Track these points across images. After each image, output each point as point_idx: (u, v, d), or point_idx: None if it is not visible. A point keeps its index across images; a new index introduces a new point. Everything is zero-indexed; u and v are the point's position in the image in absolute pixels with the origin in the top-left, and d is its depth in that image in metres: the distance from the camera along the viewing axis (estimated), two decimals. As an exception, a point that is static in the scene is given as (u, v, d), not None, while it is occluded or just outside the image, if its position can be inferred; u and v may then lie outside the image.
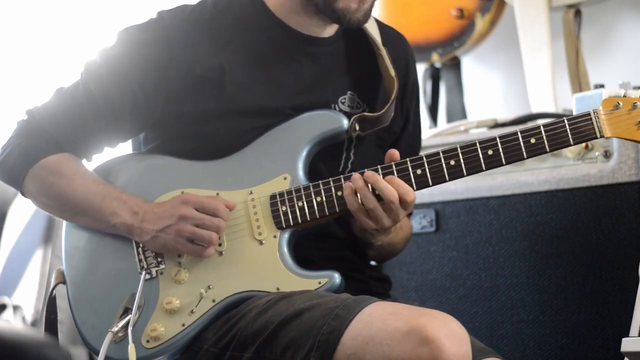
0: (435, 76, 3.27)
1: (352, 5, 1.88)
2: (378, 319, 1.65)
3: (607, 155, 2.30)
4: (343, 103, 1.97)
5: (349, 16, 1.89)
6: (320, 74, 1.97)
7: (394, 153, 1.87)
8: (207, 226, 1.83)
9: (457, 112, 3.23)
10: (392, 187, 1.81)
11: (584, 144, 2.32)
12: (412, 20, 3.14)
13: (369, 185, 1.82)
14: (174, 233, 1.84)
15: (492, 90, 3.35)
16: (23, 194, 1.98)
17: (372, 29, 2.02)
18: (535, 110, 2.81)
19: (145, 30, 1.95)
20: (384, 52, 1.98)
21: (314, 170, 1.92)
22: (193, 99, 1.91)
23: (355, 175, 1.83)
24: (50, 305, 2.00)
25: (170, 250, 1.87)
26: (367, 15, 1.92)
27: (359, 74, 2.00)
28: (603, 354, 2.29)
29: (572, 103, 2.35)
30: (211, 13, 1.96)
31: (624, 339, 1.88)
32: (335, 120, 1.91)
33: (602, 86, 2.37)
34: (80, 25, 3.83)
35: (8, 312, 3.21)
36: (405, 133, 2.08)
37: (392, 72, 1.96)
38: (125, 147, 2.05)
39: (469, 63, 3.34)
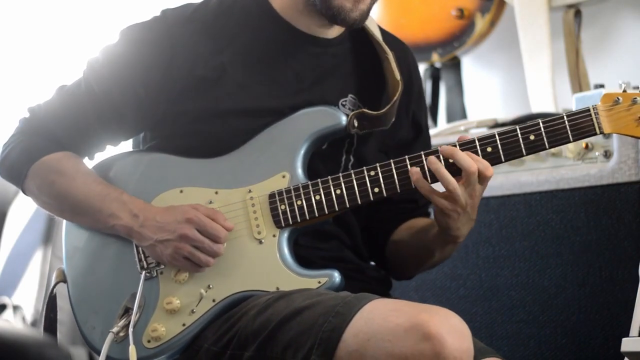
0: (435, 76, 3.27)
1: (346, 5, 1.87)
2: (379, 315, 1.65)
3: (607, 155, 2.30)
4: (344, 105, 1.96)
5: (344, 15, 1.88)
6: (321, 75, 1.96)
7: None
8: (206, 251, 1.83)
9: (457, 112, 3.23)
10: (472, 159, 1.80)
11: (584, 144, 2.32)
12: (412, 20, 3.15)
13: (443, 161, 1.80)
14: (172, 249, 1.84)
15: (492, 90, 3.35)
16: (24, 192, 1.98)
17: (376, 34, 2.02)
18: (535, 110, 2.81)
19: (148, 28, 1.95)
20: (390, 55, 1.97)
21: (313, 172, 1.91)
22: (193, 98, 1.91)
23: (431, 159, 1.81)
24: (51, 303, 2.00)
25: (165, 263, 1.87)
26: (364, 16, 1.91)
27: (362, 77, 1.99)
28: (603, 354, 2.29)
29: (572, 103, 2.35)
30: (214, 12, 1.96)
31: (624, 339, 1.88)
32: (333, 116, 1.90)
33: (602, 86, 2.38)
34: (83, 23, 3.83)
35: (8, 312, 3.21)
36: (418, 142, 2.07)
37: (398, 76, 1.95)
38: (126, 145, 2.05)
39: (469, 63, 3.34)
